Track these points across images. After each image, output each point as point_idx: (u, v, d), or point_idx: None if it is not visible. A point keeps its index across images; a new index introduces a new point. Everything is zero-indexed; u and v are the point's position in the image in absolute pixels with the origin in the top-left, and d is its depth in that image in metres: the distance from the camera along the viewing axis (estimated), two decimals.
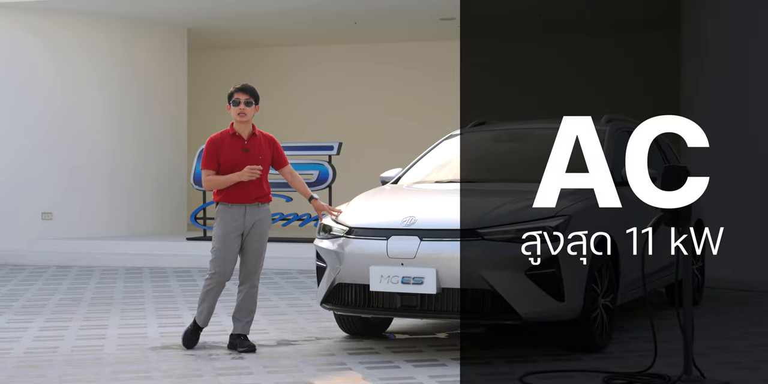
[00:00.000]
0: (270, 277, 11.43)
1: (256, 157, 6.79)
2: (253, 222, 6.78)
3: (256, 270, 6.86)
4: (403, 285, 6.27)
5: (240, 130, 6.84)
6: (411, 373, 6.01)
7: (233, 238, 6.76)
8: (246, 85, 6.93)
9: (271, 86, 18.38)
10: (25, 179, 14.47)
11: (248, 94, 6.85)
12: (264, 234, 6.86)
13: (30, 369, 6.24)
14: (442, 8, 14.63)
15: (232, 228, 6.75)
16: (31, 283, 11.13)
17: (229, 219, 6.76)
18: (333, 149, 13.52)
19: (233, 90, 6.88)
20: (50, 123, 14.60)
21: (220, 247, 6.76)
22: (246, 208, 6.77)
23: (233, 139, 6.81)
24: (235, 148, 6.78)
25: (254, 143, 6.83)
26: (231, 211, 6.76)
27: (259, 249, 6.83)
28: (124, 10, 14.84)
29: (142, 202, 15.35)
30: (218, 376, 5.97)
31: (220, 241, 6.76)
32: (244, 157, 6.76)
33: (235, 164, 6.74)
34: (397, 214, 6.56)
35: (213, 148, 6.79)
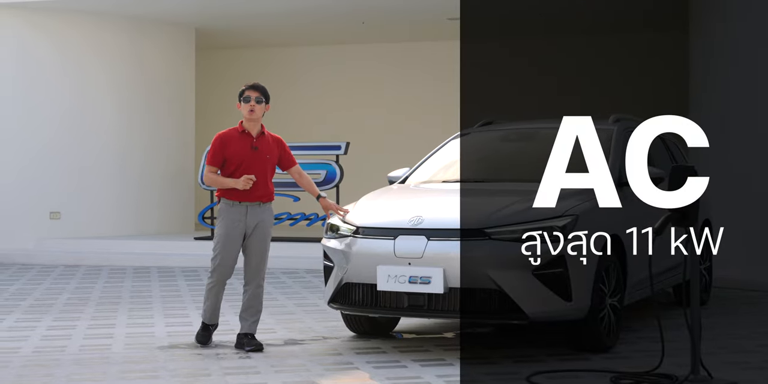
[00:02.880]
0: (277, 277, 11.44)
1: (264, 157, 6.81)
2: (256, 222, 6.80)
3: (260, 269, 6.87)
4: (411, 284, 6.27)
5: (249, 127, 6.86)
6: (418, 372, 6.01)
7: (235, 237, 6.79)
8: (257, 83, 6.97)
9: (278, 86, 18.38)
10: (34, 179, 14.49)
11: (259, 92, 6.88)
12: (267, 234, 6.87)
13: (38, 368, 6.25)
14: (450, 8, 14.62)
15: (235, 228, 6.78)
16: (39, 282, 11.15)
17: (232, 219, 6.78)
18: (341, 149, 13.52)
19: (244, 88, 6.92)
20: (58, 123, 14.62)
21: (221, 247, 6.80)
22: (248, 207, 6.79)
23: (242, 137, 6.84)
24: (244, 146, 6.79)
25: (263, 142, 6.86)
26: (233, 210, 6.78)
27: (262, 249, 6.85)
28: (131, 10, 14.87)
29: (149, 202, 15.37)
30: (226, 375, 5.97)
31: (222, 240, 6.80)
32: (253, 155, 6.78)
33: (242, 161, 6.76)
34: (404, 214, 6.56)
35: (219, 145, 6.82)
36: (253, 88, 6.87)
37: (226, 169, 6.82)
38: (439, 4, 14.34)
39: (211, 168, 6.83)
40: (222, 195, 6.84)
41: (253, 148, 6.80)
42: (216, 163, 6.82)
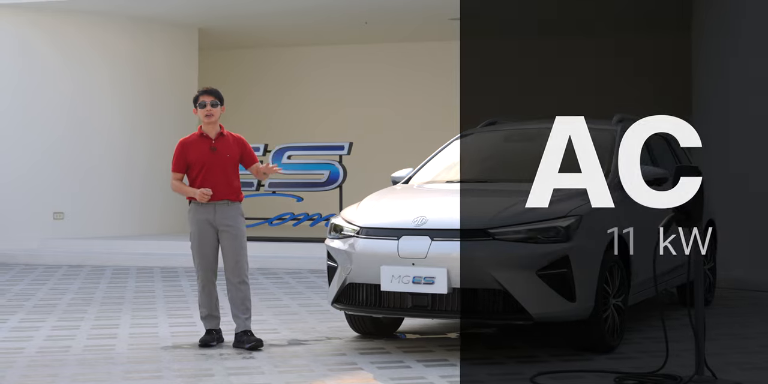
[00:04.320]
0: (281, 277, 11.44)
1: (224, 156, 6.98)
2: (225, 221, 6.94)
3: (238, 267, 6.95)
4: (414, 285, 6.27)
5: (208, 130, 7.05)
6: (422, 372, 6.01)
7: (207, 236, 6.96)
8: (210, 87, 7.18)
9: (281, 86, 18.43)
10: (37, 179, 14.50)
11: (213, 96, 7.07)
12: (238, 233, 6.97)
13: (42, 368, 6.26)
14: (452, 8, 14.61)
15: (205, 227, 6.95)
16: (43, 282, 11.16)
17: (200, 218, 6.95)
18: (344, 149, 13.52)
19: (198, 93, 7.12)
20: (61, 123, 14.63)
21: (197, 246, 7.01)
22: (215, 207, 6.93)
23: (201, 140, 7.04)
24: (203, 148, 6.99)
25: (222, 143, 7.02)
26: (201, 210, 6.96)
27: (236, 247, 6.95)
28: (135, 10, 14.88)
29: (153, 202, 15.37)
30: (229, 375, 5.98)
31: (196, 239, 7.01)
32: (212, 156, 6.96)
33: (203, 163, 6.95)
34: (408, 214, 6.56)
35: (180, 151, 7.07)
36: (207, 93, 7.07)
37: (190, 173, 7.04)
38: (442, 4, 14.33)
39: (176, 175, 7.09)
40: (192, 197, 7.03)
41: (212, 149, 6.96)
42: (179, 170, 7.06)
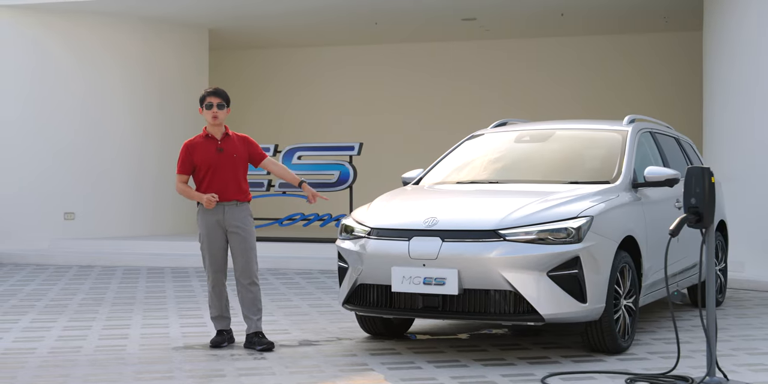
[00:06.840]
0: (291, 278, 11.45)
1: (231, 156, 6.94)
2: (234, 221, 6.92)
3: (248, 268, 6.93)
4: (425, 286, 6.26)
5: (213, 132, 7.02)
6: (433, 373, 6.01)
7: (216, 236, 6.93)
8: (218, 88, 7.11)
9: (292, 86, 18.44)
10: (48, 180, 14.55)
11: (220, 97, 7.02)
12: (247, 234, 6.95)
13: (54, 368, 6.27)
14: (464, 9, 14.62)
15: (213, 226, 6.92)
16: (54, 282, 11.19)
17: (209, 219, 6.92)
18: (354, 149, 13.52)
19: (205, 93, 7.06)
20: (72, 123, 14.68)
21: (206, 247, 6.97)
22: (225, 207, 6.90)
23: (207, 141, 6.99)
24: (209, 149, 6.94)
25: (228, 143, 6.99)
26: (210, 211, 6.92)
27: (245, 248, 6.93)
28: (145, 11, 14.91)
29: (163, 202, 15.41)
30: (240, 376, 5.98)
31: (205, 240, 6.97)
32: (218, 156, 6.92)
33: (210, 165, 6.91)
34: (418, 215, 6.56)
35: (185, 152, 7.01)
36: (215, 94, 7.02)
37: (197, 174, 6.98)
38: (453, 5, 14.34)
39: (181, 177, 7.02)
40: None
41: (219, 150, 6.93)
42: (185, 171, 6.99)
